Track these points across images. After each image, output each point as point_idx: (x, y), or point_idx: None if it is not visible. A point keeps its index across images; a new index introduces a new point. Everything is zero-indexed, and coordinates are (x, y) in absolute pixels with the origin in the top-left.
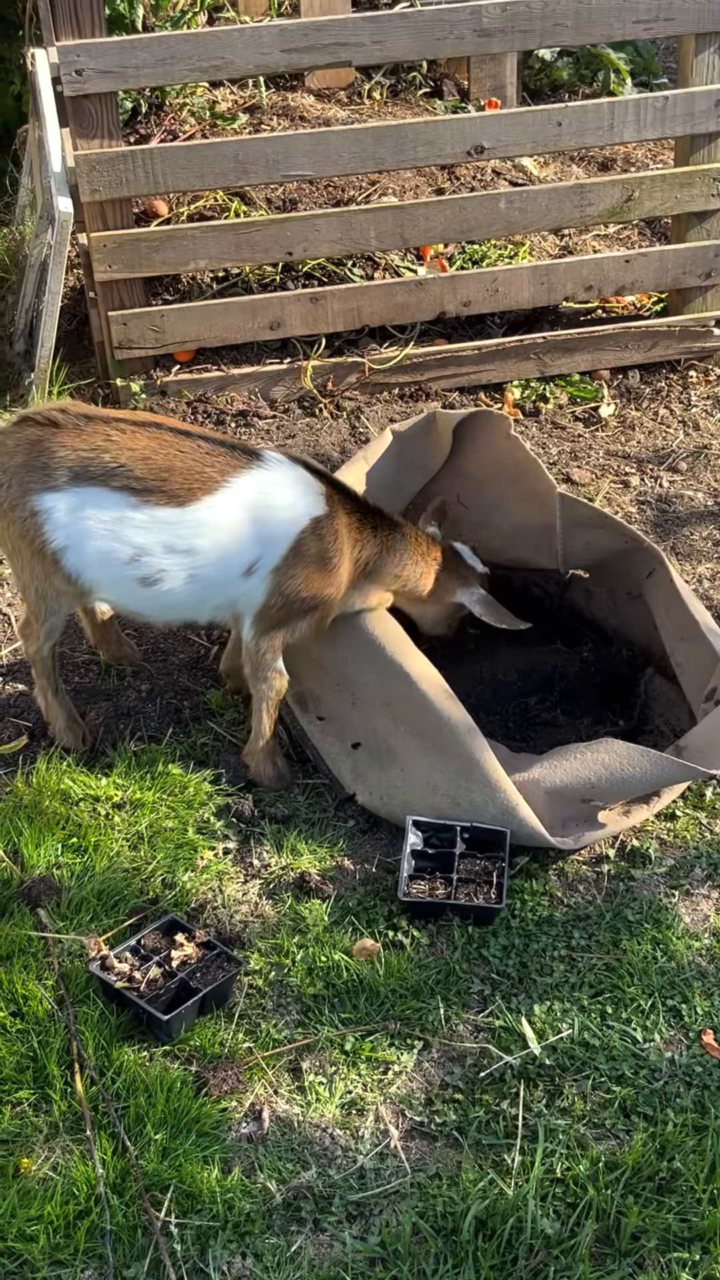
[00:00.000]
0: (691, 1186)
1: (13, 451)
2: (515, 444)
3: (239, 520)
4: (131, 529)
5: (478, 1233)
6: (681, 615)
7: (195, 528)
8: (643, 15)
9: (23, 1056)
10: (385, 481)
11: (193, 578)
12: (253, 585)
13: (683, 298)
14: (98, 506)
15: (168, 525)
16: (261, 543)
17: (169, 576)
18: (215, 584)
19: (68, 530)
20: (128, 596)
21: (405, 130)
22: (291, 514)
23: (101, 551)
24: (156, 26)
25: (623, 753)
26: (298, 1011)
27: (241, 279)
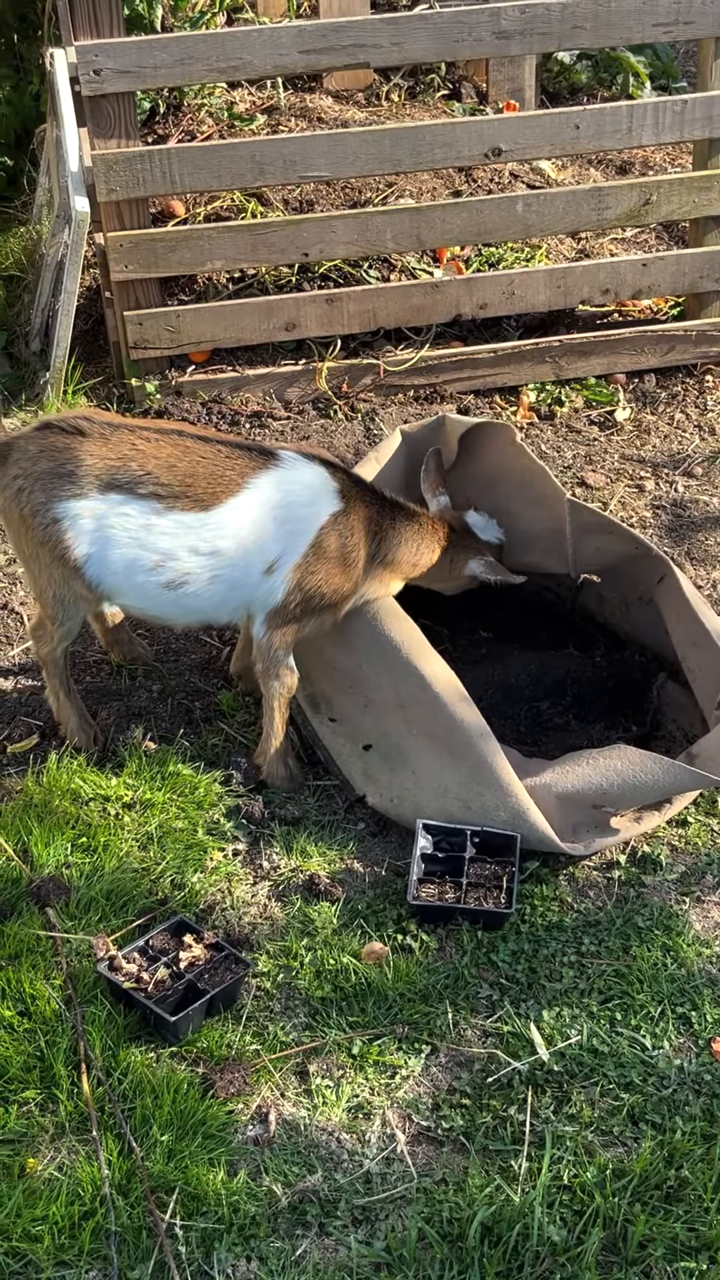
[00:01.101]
0: (699, 1195)
1: (36, 457)
2: (521, 451)
3: (261, 520)
4: (158, 535)
5: (484, 1239)
6: (692, 622)
7: (219, 529)
8: (662, 18)
9: (30, 1056)
10: (394, 482)
11: (216, 579)
12: (274, 583)
13: (700, 302)
14: (125, 514)
15: (193, 529)
16: (283, 540)
17: (193, 579)
18: (238, 584)
19: (92, 538)
20: (151, 601)
21: (423, 132)
22: (311, 510)
23: (127, 559)
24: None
25: (635, 759)
26: (305, 1014)
27: (257, 280)
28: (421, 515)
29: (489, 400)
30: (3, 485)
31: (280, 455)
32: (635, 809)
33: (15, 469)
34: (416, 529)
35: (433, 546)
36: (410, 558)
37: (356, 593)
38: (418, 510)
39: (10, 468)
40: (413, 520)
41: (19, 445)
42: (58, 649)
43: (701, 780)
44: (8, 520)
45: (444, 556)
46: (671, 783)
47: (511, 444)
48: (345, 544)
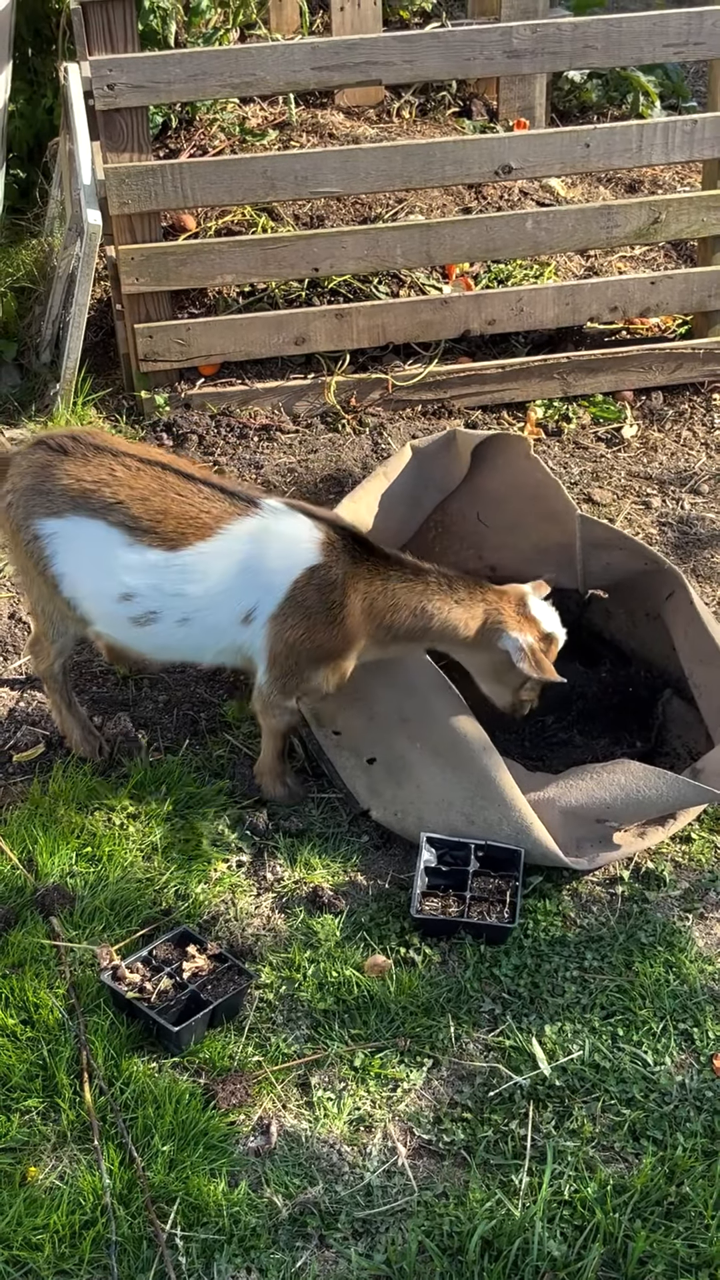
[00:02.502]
0: (700, 1212)
1: (24, 473)
2: (535, 464)
3: (230, 567)
4: (122, 568)
5: (484, 1253)
6: (700, 638)
7: (183, 572)
8: (672, 39)
9: (32, 1065)
10: (404, 497)
11: (185, 621)
12: (254, 632)
13: (707, 320)
14: (92, 540)
15: (157, 568)
16: (256, 591)
17: (161, 619)
18: (211, 629)
19: (65, 558)
20: (123, 633)
21: (433, 149)
22: (285, 563)
23: (94, 586)
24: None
25: (639, 774)
26: (308, 1026)
27: (267, 294)
28: (430, 574)
29: (497, 416)
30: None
31: (262, 504)
32: (639, 824)
33: (8, 484)
34: (421, 588)
35: (444, 605)
36: (414, 618)
37: (351, 651)
38: (426, 568)
39: (5, 482)
40: (416, 578)
41: (15, 460)
42: (54, 664)
43: (706, 795)
44: (4, 534)
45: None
46: (675, 797)
47: (526, 457)
48: (327, 599)
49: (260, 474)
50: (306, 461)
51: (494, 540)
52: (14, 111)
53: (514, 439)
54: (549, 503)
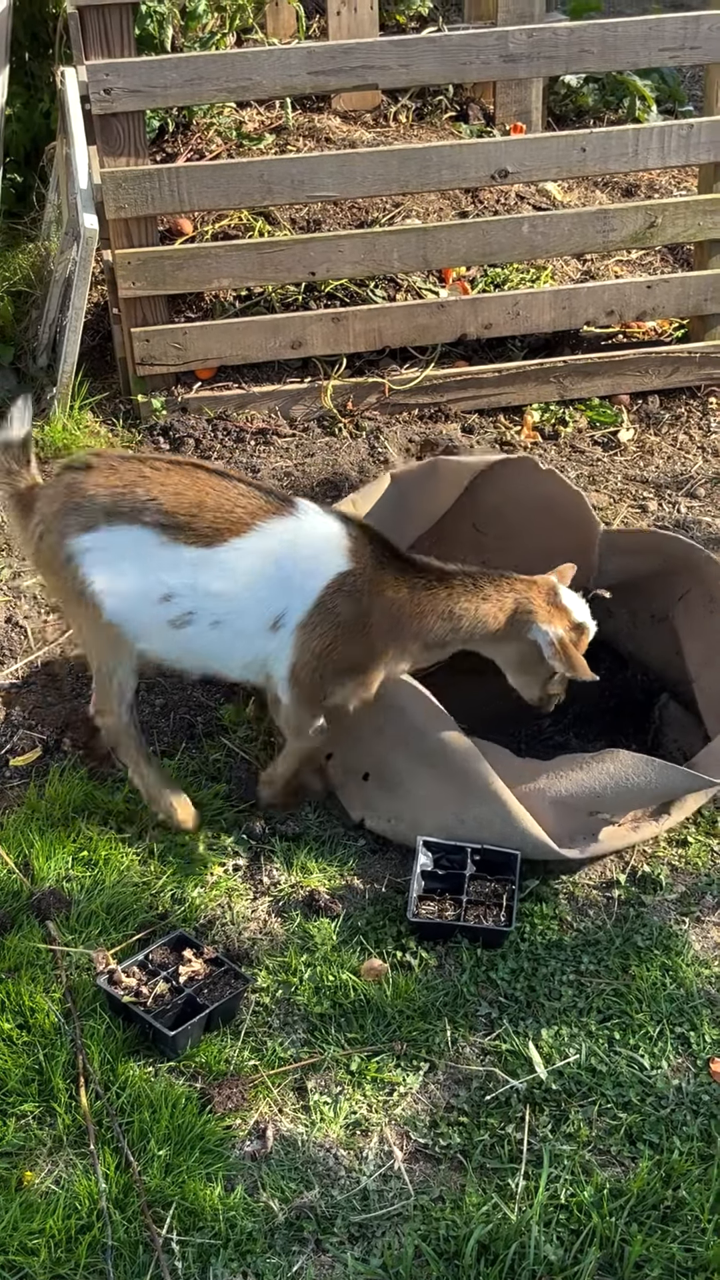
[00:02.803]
0: (697, 1216)
1: (51, 498)
2: (550, 477)
3: (264, 567)
4: (161, 567)
5: (480, 1257)
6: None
7: (221, 569)
8: (668, 43)
9: (28, 1069)
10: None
11: (218, 624)
12: (281, 641)
13: (704, 324)
14: (128, 544)
15: (194, 565)
16: (286, 595)
17: (196, 620)
18: (242, 634)
19: (104, 571)
20: (162, 640)
21: (430, 153)
22: (316, 566)
23: (137, 591)
24: (185, 47)
25: (628, 762)
26: (304, 1030)
27: (264, 298)
28: (455, 576)
29: (493, 420)
30: (30, 534)
31: (296, 504)
32: (633, 818)
33: (36, 516)
34: (447, 592)
35: (472, 604)
36: (444, 622)
37: (379, 664)
38: (450, 570)
39: (33, 515)
40: (442, 582)
41: (40, 493)
42: (122, 715)
43: (694, 781)
44: (40, 570)
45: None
46: (664, 784)
47: (536, 470)
48: (355, 606)
49: (257, 478)
50: (303, 465)
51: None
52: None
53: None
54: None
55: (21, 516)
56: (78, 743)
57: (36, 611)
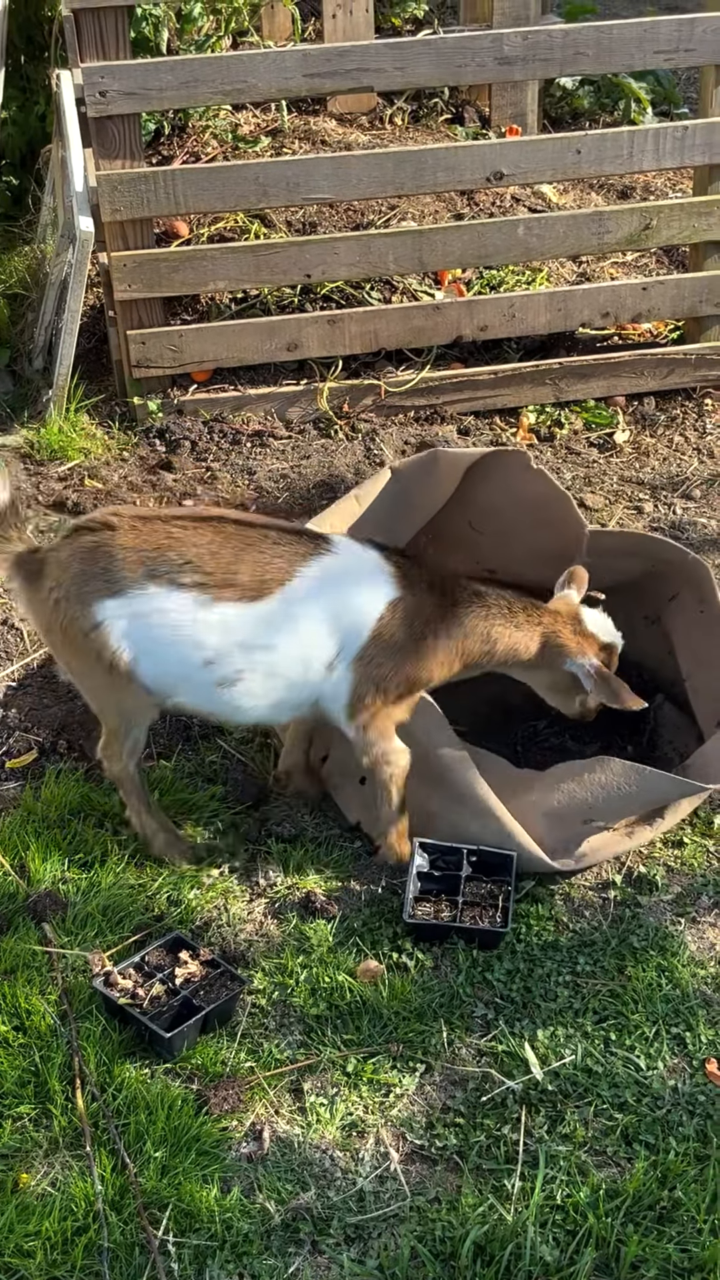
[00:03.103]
0: (693, 1216)
1: (67, 563)
2: (540, 476)
3: (313, 612)
4: (205, 629)
5: (476, 1258)
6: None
7: (269, 623)
8: (663, 46)
9: (24, 1071)
10: (382, 522)
11: (272, 675)
12: (337, 679)
13: (699, 326)
14: (165, 608)
15: (240, 623)
16: (339, 634)
17: (248, 677)
18: (296, 683)
19: (137, 636)
20: (206, 700)
21: (425, 155)
22: (366, 600)
23: (176, 655)
24: (180, 50)
25: (618, 771)
26: (300, 1032)
27: (260, 300)
28: (489, 596)
29: (489, 422)
30: (40, 601)
31: (332, 540)
32: (626, 824)
33: (50, 581)
34: (484, 612)
35: (508, 630)
36: (481, 644)
37: (432, 678)
38: (484, 590)
39: (45, 580)
40: (478, 602)
41: (50, 556)
42: (129, 765)
43: (684, 787)
44: (52, 638)
45: (527, 640)
46: (655, 791)
47: (526, 469)
48: (409, 630)
49: (253, 480)
50: (299, 467)
51: (490, 545)
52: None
53: (511, 454)
54: (553, 511)
55: (27, 582)
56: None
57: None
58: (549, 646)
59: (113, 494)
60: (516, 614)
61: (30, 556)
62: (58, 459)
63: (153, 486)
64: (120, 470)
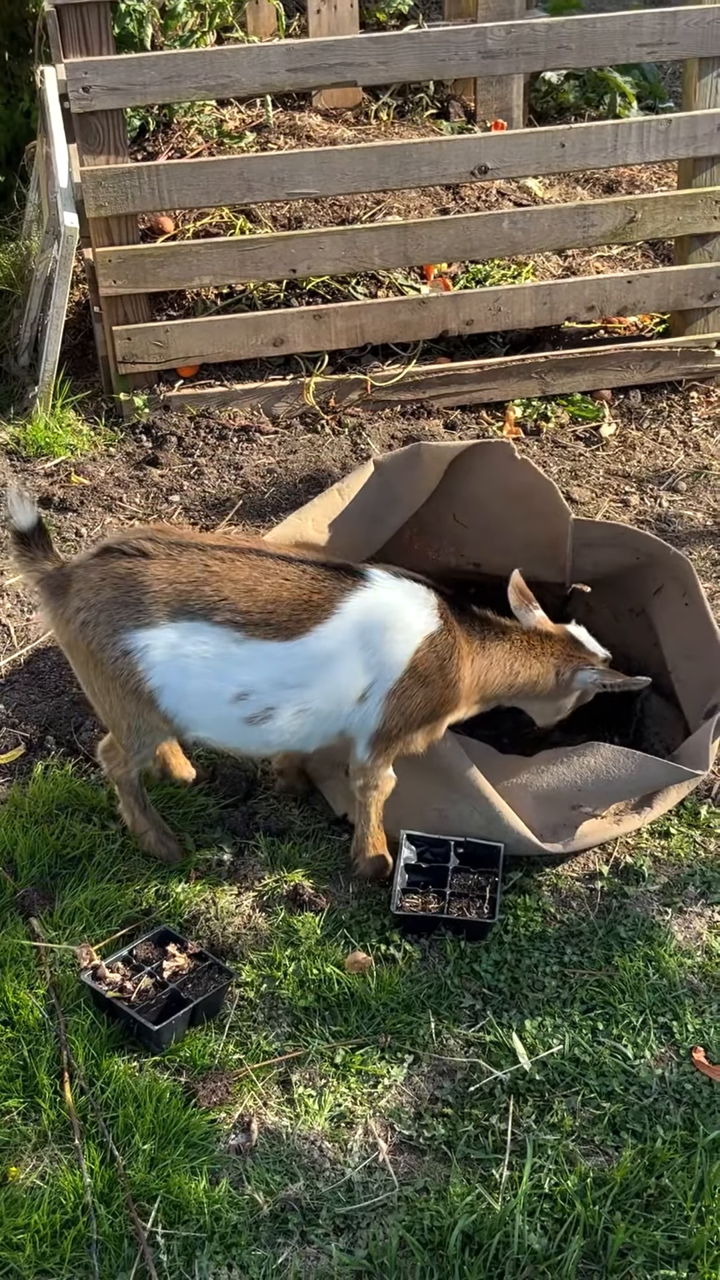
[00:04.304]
0: (679, 1204)
1: (98, 586)
2: (524, 466)
3: (351, 648)
4: (237, 666)
5: (464, 1247)
6: (689, 632)
7: (306, 659)
8: (646, 39)
9: (12, 1065)
10: (365, 515)
11: (303, 711)
12: (367, 710)
13: (684, 319)
14: (199, 643)
15: (276, 660)
16: (376, 668)
17: (279, 713)
18: (327, 715)
19: (165, 669)
20: (231, 735)
21: (410, 150)
22: (406, 634)
23: (204, 690)
24: (164, 45)
25: (608, 755)
26: (288, 1024)
27: (245, 295)
28: (513, 630)
29: (475, 416)
30: (65, 618)
31: (369, 575)
32: (615, 811)
33: (77, 600)
34: (509, 646)
35: (529, 663)
36: (505, 677)
37: (455, 712)
38: (508, 625)
39: (71, 599)
40: (503, 637)
41: (78, 574)
42: (132, 772)
43: (673, 773)
44: (74, 654)
45: (544, 671)
46: (644, 776)
47: (511, 460)
48: (443, 665)
49: (240, 475)
50: (286, 462)
51: (474, 538)
52: None
53: (495, 446)
54: (538, 502)
55: (52, 598)
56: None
57: (19, 610)
58: (560, 676)
59: (99, 490)
60: (534, 645)
61: (56, 572)
62: (44, 455)
63: (139, 482)
64: (106, 466)
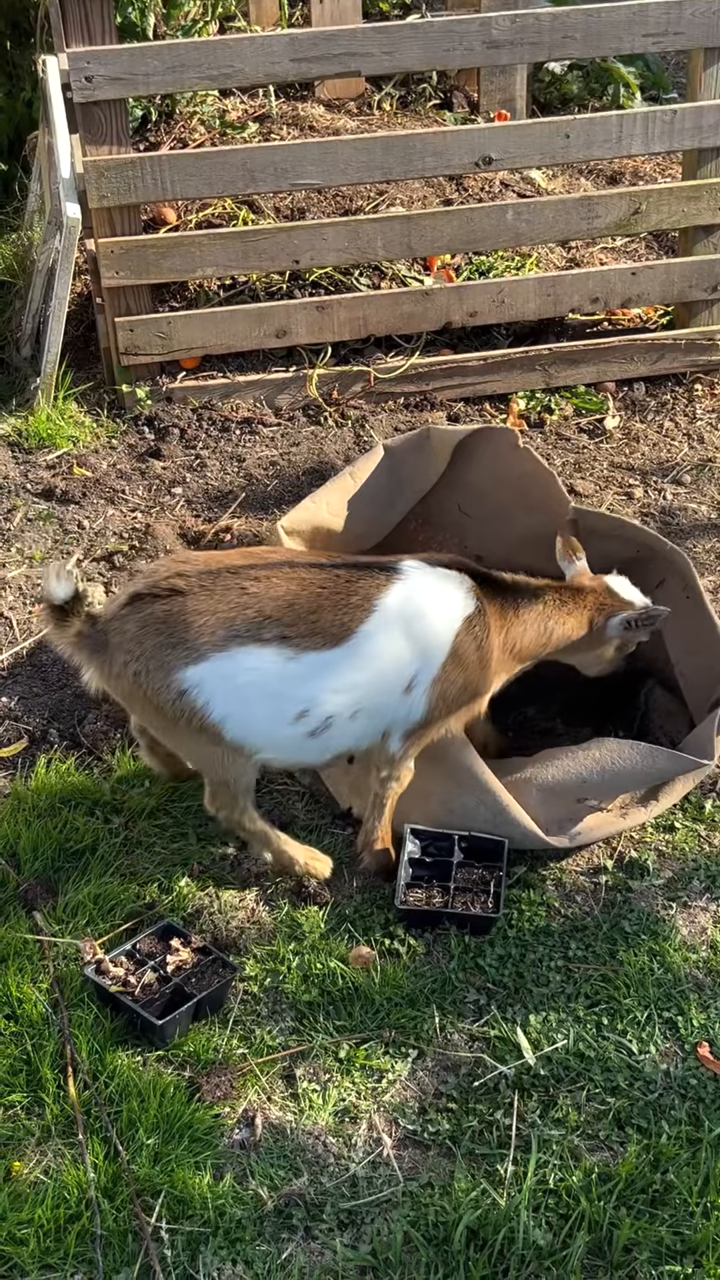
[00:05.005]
0: (685, 1199)
1: (139, 635)
2: (526, 455)
3: (395, 640)
4: (293, 682)
5: (469, 1243)
6: (691, 626)
7: (354, 661)
8: (652, 29)
9: (16, 1059)
10: (374, 499)
11: (358, 713)
12: (413, 701)
13: (689, 311)
14: (253, 667)
15: (329, 667)
16: (419, 657)
17: (337, 719)
18: (378, 713)
19: (224, 700)
20: (295, 751)
21: (414, 140)
22: (445, 620)
23: (266, 714)
24: (167, 35)
25: (613, 747)
26: (292, 1018)
27: (248, 287)
28: (546, 590)
29: (479, 408)
30: (115, 674)
31: (400, 567)
32: (621, 805)
33: (122, 655)
34: (541, 607)
35: (563, 619)
36: (538, 638)
37: (491, 689)
38: (540, 585)
39: (116, 654)
40: (537, 600)
41: (113, 628)
42: (247, 806)
43: (681, 763)
44: (133, 705)
45: (579, 624)
46: (650, 767)
47: (514, 449)
48: (480, 644)
49: (243, 467)
50: (289, 454)
51: (477, 530)
52: None
53: (500, 431)
54: (539, 493)
55: (94, 656)
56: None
57: (21, 603)
58: (594, 627)
59: (101, 482)
60: (567, 601)
61: (91, 631)
62: (46, 447)
63: (141, 474)
64: (109, 458)
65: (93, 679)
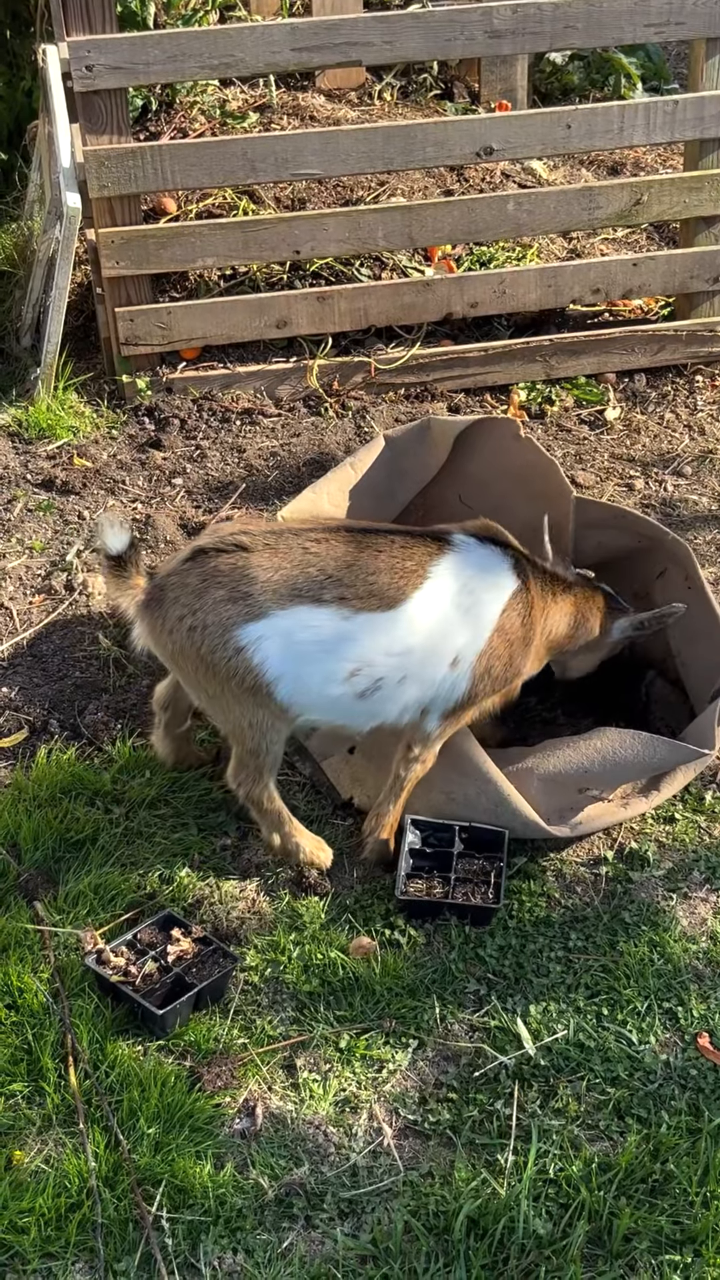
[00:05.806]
0: (684, 1189)
1: (199, 589)
2: (528, 445)
3: (447, 609)
4: (349, 641)
5: (469, 1232)
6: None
7: (409, 625)
8: (654, 19)
9: (17, 1049)
10: (375, 490)
11: (405, 679)
12: (458, 675)
13: (690, 302)
14: (312, 626)
15: (383, 629)
16: (468, 629)
17: (386, 683)
18: (424, 681)
19: (281, 658)
20: (342, 712)
21: (414, 131)
22: (495, 593)
23: (320, 673)
24: (167, 24)
25: (615, 737)
26: (293, 1008)
27: (249, 277)
28: (575, 584)
29: (479, 399)
30: (167, 629)
31: (453, 539)
32: (622, 795)
33: (178, 609)
34: (573, 599)
35: (589, 614)
36: (570, 630)
37: (528, 670)
38: (571, 579)
39: (171, 608)
40: (569, 591)
41: (172, 582)
42: (269, 782)
43: (682, 752)
44: (181, 663)
45: (599, 623)
46: (652, 756)
47: (515, 438)
48: (525, 621)
49: (243, 458)
50: (289, 445)
51: None
52: None
53: (501, 421)
54: (540, 483)
55: (147, 612)
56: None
57: (22, 593)
58: (604, 627)
59: (101, 472)
60: (590, 599)
61: (150, 586)
62: (46, 437)
63: (141, 465)
64: (109, 449)
65: (141, 636)
